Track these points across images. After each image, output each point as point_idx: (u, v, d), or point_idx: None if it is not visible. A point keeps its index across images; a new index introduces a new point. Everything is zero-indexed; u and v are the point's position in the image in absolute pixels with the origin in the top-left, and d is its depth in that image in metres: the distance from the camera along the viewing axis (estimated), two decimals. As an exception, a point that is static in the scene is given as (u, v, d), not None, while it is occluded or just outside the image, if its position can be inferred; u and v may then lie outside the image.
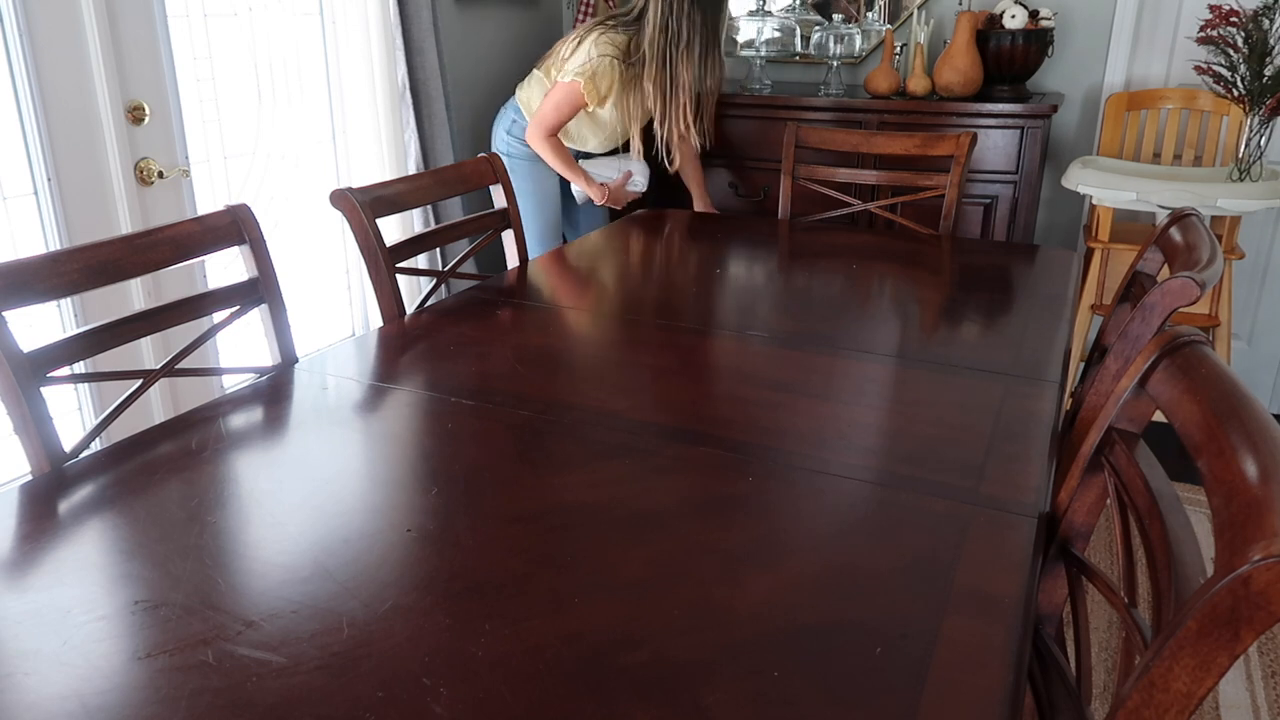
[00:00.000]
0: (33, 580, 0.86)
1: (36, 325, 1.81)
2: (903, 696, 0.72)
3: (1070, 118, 2.97)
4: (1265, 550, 0.57)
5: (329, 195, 1.61)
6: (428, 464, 1.09)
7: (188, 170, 2.04)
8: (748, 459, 1.09)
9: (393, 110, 2.56)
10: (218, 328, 1.38)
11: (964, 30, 2.64)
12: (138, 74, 1.91)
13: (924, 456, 1.10)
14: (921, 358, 1.42)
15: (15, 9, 1.68)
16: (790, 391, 1.29)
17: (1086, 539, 1.02)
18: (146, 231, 1.29)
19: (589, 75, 2.41)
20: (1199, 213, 1.50)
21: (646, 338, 1.52)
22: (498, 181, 1.94)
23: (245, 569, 0.88)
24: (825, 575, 0.87)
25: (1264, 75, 2.30)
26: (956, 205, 2.26)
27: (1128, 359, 1.30)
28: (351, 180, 2.58)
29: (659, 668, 0.75)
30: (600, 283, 1.83)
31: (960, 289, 1.81)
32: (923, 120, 2.70)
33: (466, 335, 1.50)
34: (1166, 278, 1.24)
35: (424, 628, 0.79)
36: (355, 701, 0.71)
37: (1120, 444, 0.94)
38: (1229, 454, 0.70)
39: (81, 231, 1.84)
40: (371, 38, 2.48)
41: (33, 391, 1.10)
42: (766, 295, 1.77)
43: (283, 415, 1.23)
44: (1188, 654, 0.61)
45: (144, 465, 1.07)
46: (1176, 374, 0.86)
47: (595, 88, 2.43)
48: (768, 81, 3.01)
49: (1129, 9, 2.81)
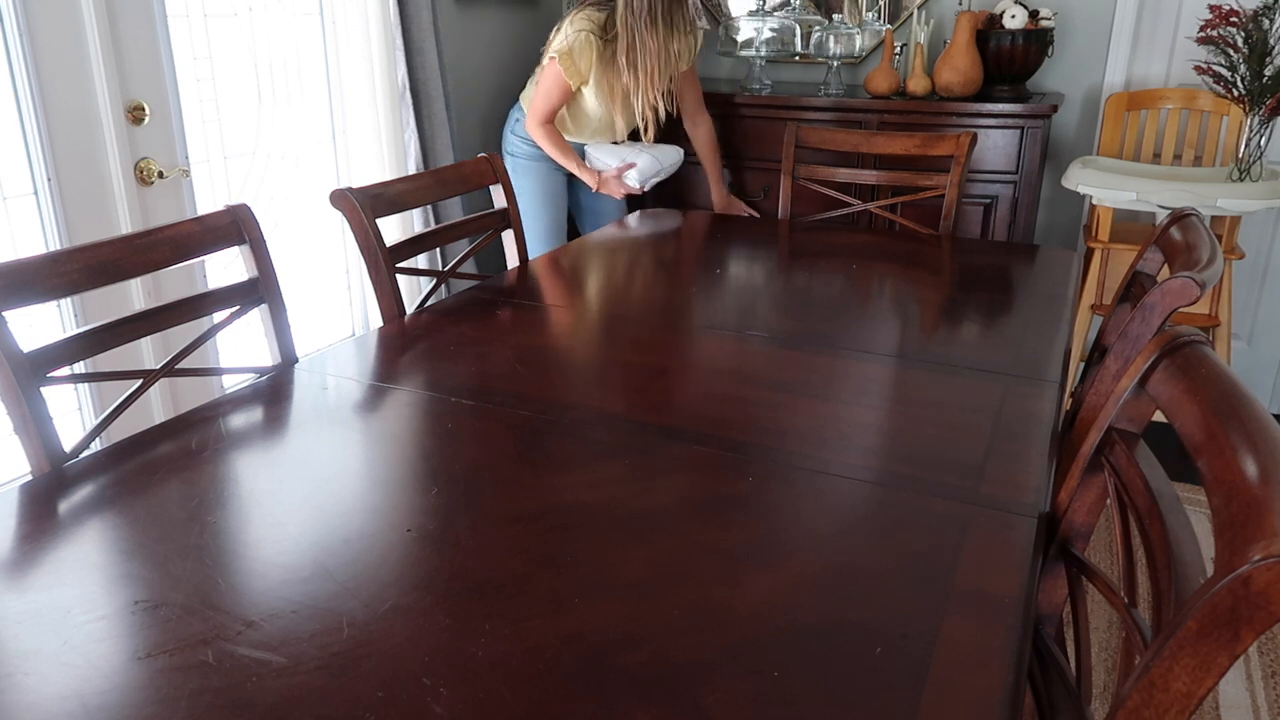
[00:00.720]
0: (33, 580, 0.86)
1: (36, 325, 1.81)
2: (903, 696, 0.72)
3: (1070, 118, 2.97)
4: (1265, 550, 0.57)
5: (329, 195, 1.61)
6: (428, 464, 1.09)
7: (188, 170, 2.04)
8: (748, 459, 1.09)
9: (393, 110, 2.56)
10: (218, 328, 1.38)
11: (964, 30, 2.64)
12: (138, 74, 1.91)
13: (924, 456, 1.10)
14: (921, 358, 1.42)
15: (15, 9, 1.68)
16: (790, 391, 1.29)
17: (1086, 539, 1.02)
18: (146, 231, 1.29)
19: (566, 52, 2.41)
20: (1199, 213, 1.50)
21: (646, 338, 1.52)
22: (498, 181, 1.94)
23: (245, 569, 0.88)
24: (825, 575, 0.87)
25: (1264, 75, 2.30)
26: (956, 205, 2.26)
27: (1128, 359, 1.30)
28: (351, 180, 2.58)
29: (659, 668, 0.75)
30: (600, 283, 1.83)
31: (960, 289, 1.81)
32: (923, 120, 2.70)
33: (466, 335, 1.50)
34: (1166, 278, 1.24)
35: (424, 628, 0.79)
36: (355, 701, 0.71)
37: (1120, 444, 0.94)
38: (1229, 454, 0.70)
39: (81, 231, 1.84)
40: (371, 38, 2.48)
41: (33, 391, 1.10)
42: (766, 295, 1.77)
43: (283, 415, 1.23)
44: (1188, 654, 0.61)
45: (144, 465, 1.07)
46: (1176, 374, 0.86)
47: (574, 65, 2.42)
48: (768, 81, 3.01)
49: (1129, 9, 2.81)
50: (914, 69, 2.76)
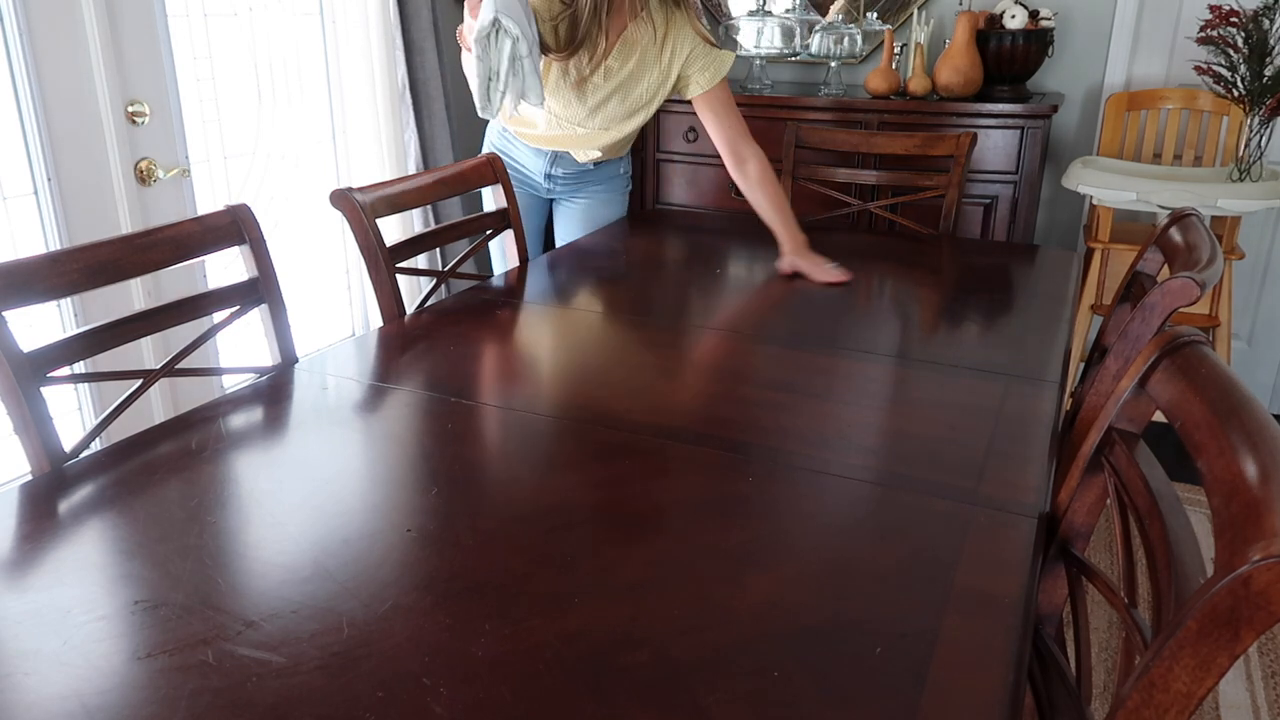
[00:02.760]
0: (33, 580, 0.86)
1: (36, 325, 1.81)
2: (903, 696, 0.72)
3: (1070, 118, 2.97)
4: (1265, 550, 0.57)
5: (329, 195, 1.61)
6: (428, 464, 1.09)
7: (188, 170, 2.04)
8: (748, 459, 1.09)
9: (393, 110, 2.57)
10: (218, 328, 1.38)
11: (964, 30, 2.64)
12: (138, 74, 1.91)
13: (924, 456, 1.10)
14: (922, 358, 1.42)
15: (15, 9, 1.68)
16: (790, 391, 1.29)
17: (1086, 539, 1.02)
18: (146, 231, 1.29)
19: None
20: (1199, 213, 1.49)
21: (647, 338, 1.52)
22: (498, 181, 1.94)
23: (245, 569, 0.88)
24: (825, 575, 0.87)
25: (1264, 75, 2.30)
26: (956, 205, 2.26)
27: (1128, 359, 1.30)
28: (351, 180, 2.59)
29: (659, 668, 0.75)
30: (600, 283, 1.83)
31: (960, 289, 1.81)
32: (923, 120, 2.70)
33: (466, 335, 1.50)
34: (1166, 278, 1.24)
35: (424, 628, 0.79)
36: (355, 701, 0.71)
37: (1120, 444, 0.94)
38: (1229, 454, 0.70)
39: (81, 231, 1.84)
40: (371, 38, 2.48)
41: (33, 391, 1.10)
42: (767, 295, 1.77)
43: (283, 415, 1.23)
44: (1188, 654, 0.61)
45: (144, 465, 1.07)
46: (1176, 374, 0.86)
47: None
48: (768, 81, 3.01)
49: (1129, 9, 2.81)
50: (914, 69, 2.76)
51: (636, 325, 1.59)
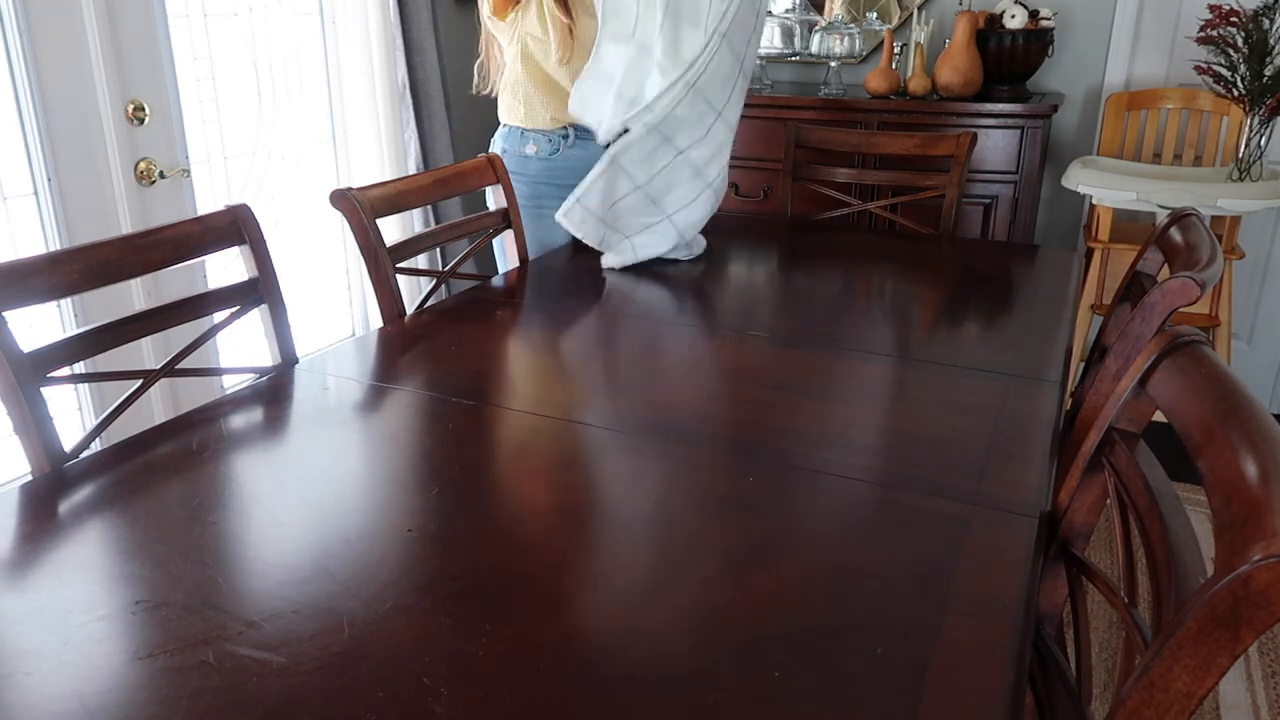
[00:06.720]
0: (33, 580, 0.86)
1: (36, 325, 1.81)
2: (903, 696, 0.72)
3: (1070, 118, 2.97)
4: (1265, 550, 0.57)
5: (329, 195, 1.61)
6: (428, 464, 1.09)
7: (188, 170, 2.04)
8: (748, 459, 1.09)
9: (393, 110, 2.57)
10: (218, 328, 1.38)
11: (964, 30, 2.64)
12: (138, 74, 1.91)
13: (924, 456, 1.10)
14: (922, 358, 1.42)
15: (15, 9, 1.68)
16: (791, 391, 1.29)
17: (1086, 539, 1.02)
18: (146, 231, 1.29)
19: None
20: (1199, 213, 1.50)
21: (647, 338, 1.52)
22: (498, 181, 1.94)
23: (246, 569, 0.88)
24: (826, 575, 0.87)
25: (1264, 75, 2.30)
26: (956, 205, 2.26)
27: (1128, 359, 1.30)
28: (351, 180, 2.59)
29: (659, 668, 0.75)
30: (601, 283, 1.83)
31: (960, 289, 1.81)
32: (923, 120, 2.70)
33: (466, 335, 1.50)
34: (1166, 278, 1.24)
35: (424, 628, 0.79)
36: (355, 701, 0.71)
37: (1120, 444, 0.94)
38: (1229, 454, 0.70)
39: (81, 231, 1.84)
40: (371, 38, 2.48)
41: (33, 391, 1.10)
42: (767, 295, 1.77)
43: (283, 416, 1.23)
44: (1188, 654, 0.61)
45: (144, 465, 1.07)
46: (1176, 374, 0.86)
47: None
48: (768, 81, 3.01)
49: (1129, 9, 2.81)
50: (914, 69, 2.76)
51: (636, 325, 1.59)
